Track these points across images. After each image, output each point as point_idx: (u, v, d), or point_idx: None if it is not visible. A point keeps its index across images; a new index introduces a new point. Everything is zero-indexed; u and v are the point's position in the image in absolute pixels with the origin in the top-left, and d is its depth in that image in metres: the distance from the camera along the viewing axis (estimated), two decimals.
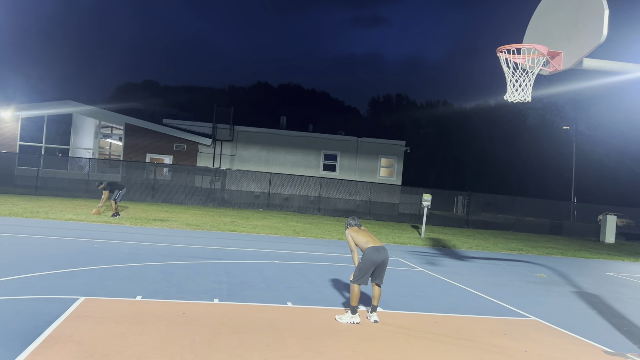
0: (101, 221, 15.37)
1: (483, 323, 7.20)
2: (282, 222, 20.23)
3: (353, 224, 7.01)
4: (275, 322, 6.27)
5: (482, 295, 9.28)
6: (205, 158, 30.05)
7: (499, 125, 62.49)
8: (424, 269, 11.85)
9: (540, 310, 8.37)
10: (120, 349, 4.89)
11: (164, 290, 7.48)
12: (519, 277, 11.95)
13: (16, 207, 17.15)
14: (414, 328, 6.56)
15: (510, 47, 6.52)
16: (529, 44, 6.61)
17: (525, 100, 6.63)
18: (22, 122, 28.41)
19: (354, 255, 6.80)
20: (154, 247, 11.58)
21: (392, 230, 21.55)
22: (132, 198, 25.67)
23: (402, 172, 32.37)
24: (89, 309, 6.14)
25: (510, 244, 19.79)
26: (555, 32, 6.63)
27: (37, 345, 4.79)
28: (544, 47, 6.43)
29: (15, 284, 7.08)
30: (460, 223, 28.81)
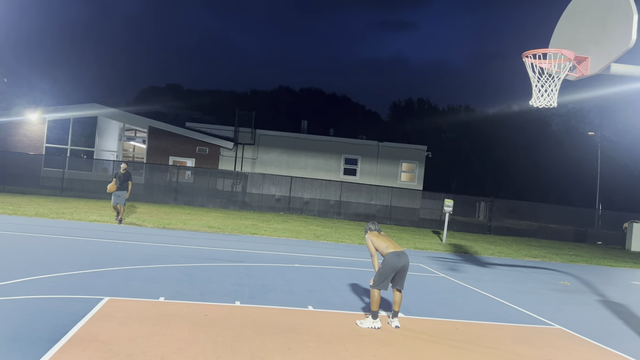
0: (125, 223, 15.57)
1: (506, 330, 7.12)
2: (303, 226, 20.26)
3: (373, 229, 6.99)
4: (296, 325, 6.29)
5: (504, 302, 9.18)
6: (227, 161, 30.27)
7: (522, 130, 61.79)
8: (446, 275, 11.76)
9: (564, 319, 8.25)
10: (144, 349, 4.95)
11: (187, 291, 7.55)
12: (542, 285, 11.78)
13: (42, 208, 17.48)
14: (436, 334, 6.51)
15: (536, 52, 6.47)
16: (556, 48, 6.55)
17: (551, 105, 6.56)
18: (49, 124, 28.98)
19: (374, 260, 6.78)
20: (177, 249, 11.70)
21: (413, 235, 21.43)
22: (155, 200, 26.00)
23: (424, 177, 32.18)
24: (113, 309, 6.23)
25: (533, 251, 19.52)
26: (582, 37, 6.55)
27: (63, 344, 4.88)
28: (571, 52, 6.36)
29: (42, 283, 7.22)
30: (482, 229, 28.52)
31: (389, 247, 6.64)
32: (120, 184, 14.91)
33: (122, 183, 14.94)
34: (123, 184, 14.98)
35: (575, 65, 6.48)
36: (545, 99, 6.62)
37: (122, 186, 14.97)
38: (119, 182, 14.86)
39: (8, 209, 15.99)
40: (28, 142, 28.62)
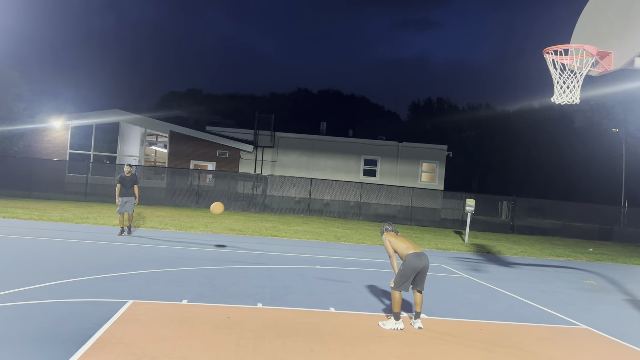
0: (147, 227, 15.74)
1: (531, 331, 7.02)
2: (323, 228, 20.26)
3: (390, 230, 6.95)
4: (318, 326, 6.28)
5: (529, 302, 9.05)
6: (247, 164, 30.44)
7: (544, 128, 60.95)
8: (468, 275, 11.64)
9: (591, 318, 8.10)
10: (167, 351, 4.99)
11: (209, 294, 7.60)
12: (568, 284, 11.60)
13: (67, 213, 17.76)
14: (459, 335, 6.45)
15: (558, 48, 6.37)
16: (577, 44, 6.45)
17: (573, 102, 6.46)
18: (72, 130, 29.46)
19: (393, 261, 6.74)
20: (198, 251, 11.79)
21: (435, 236, 21.28)
22: (177, 204, 26.26)
23: (444, 176, 31.94)
24: (137, 312, 6.29)
25: (557, 250, 19.23)
26: (605, 32, 6.44)
27: (88, 346, 4.94)
28: (593, 47, 6.26)
29: (68, 287, 7.33)
30: (505, 229, 28.18)
31: (409, 248, 6.60)
32: (127, 189, 13.38)
33: (128, 188, 13.39)
34: (130, 188, 13.40)
35: (598, 60, 6.37)
36: (568, 95, 6.52)
37: (129, 191, 13.40)
38: (125, 187, 13.35)
39: (34, 215, 16.28)
40: (52, 149, 29.13)
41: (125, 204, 13.28)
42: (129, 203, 13.32)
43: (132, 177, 13.43)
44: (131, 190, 13.36)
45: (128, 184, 13.30)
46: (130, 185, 13.34)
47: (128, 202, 13.30)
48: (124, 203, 13.27)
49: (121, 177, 13.34)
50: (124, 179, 13.29)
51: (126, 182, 13.28)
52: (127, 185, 13.30)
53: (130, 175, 13.39)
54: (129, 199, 13.32)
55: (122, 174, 13.39)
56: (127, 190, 13.29)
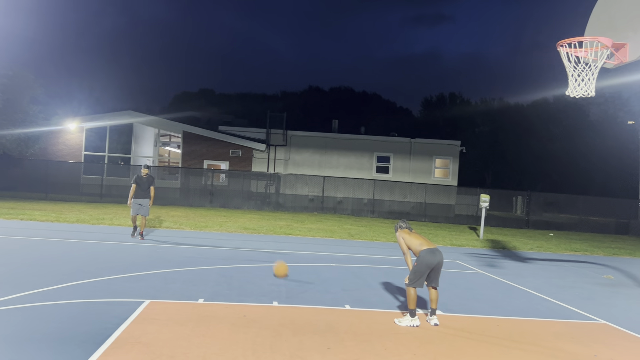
0: (162, 227, 15.86)
1: (548, 326, 6.97)
2: (337, 225, 20.26)
3: (404, 227, 6.93)
4: (334, 324, 6.29)
5: (546, 297, 8.99)
6: (259, 163, 30.52)
7: (559, 121, 60.30)
8: (484, 271, 11.58)
9: (609, 313, 8.02)
10: (185, 350, 5.03)
11: (225, 293, 7.64)
12: (585, 279, 11.49)
13: (83, 214, 17.95)
14: (476, 331, 6.42)
15: (572, 40, 6.31)
16: (592, 36, 6.37)
17: (588, 95, 6.39)
18: (87, 133, 29.75)
19: (407, 258, 6.72)
20: (214, 250, 11.85)
21: (449, 232, 21.18)
22: (191, 204, 26.42)
23: (458, 172, 31.76)
24: (154, 311, 6.35)
25: (573, 245, 19.05)
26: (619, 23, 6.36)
27: (107, 346, 5.00)
28: (608, 39, 6.18)
29: (86, 287, 7.42)
30: (520, 224, 27.98)
31: (423, 244, 6.58)
32: (143, 191, 12.87)
33: (144, 189, 12.89)
34: (146, 190, 12.90)
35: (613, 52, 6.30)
36: (582, 88, 6.45)
37: (145, 193, 12.87)
38: (141, 189, 12.86)
39: (51, 216, 16.48)
40: (67, 151, 29.45)
41: (140, 207, 12.76)
42: (144, 206, 12.78)
43: (149, 179, 12.94)
44: (147, 192, 12.86)
45: (144, 185, 12.84)
46: (147, 186, 12.88)
47: (143, 204, 12.76)
48: (139, 206, 12.75)
49: (137, 178, 12.85)
50: (140, 180, 12.82)
51: (142, 183, 12.82)
52: (144, 187, 12.83)
53: (147, 177, 12.92)
54: (144, 201, 12.79)
55: (139, 174, 12.95)
56: (143, 192, 12.80)
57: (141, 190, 12.78)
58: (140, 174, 12.91)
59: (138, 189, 12.78)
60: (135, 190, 12.75)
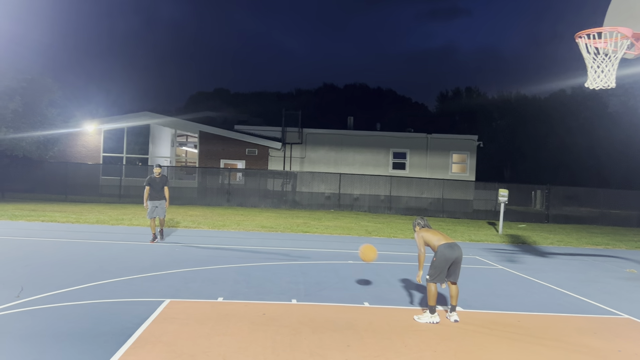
0: (181, 226, 15.97)
1: (570, 322, 6.88)
2: (354, 222, 20.23)
3: (422, 224, 6.88)
4: (353, 322, 6.28)
5: (567, 292, 8.87)
6: (275, 161, 30.59)
7: (578, 114, 59.43)
8: (504, 266, 11.47)
9: (633, 308, 7.89)
10: (205, 349, 5.06)
11: (244, 291, 7.67)
12: (607, 273, 11.32)
13: (102, 215, 18.16)
14: (497, 327, 6.36)
15: (590, 31, 6.20)
16: (611, 26, 6.25)
17: (608, 86, 6.28)
18: (104, 134, 30.09)
19: (421, 257, 6.58)
20: (232, 249, 11.91)
21: (468, 227, 21.03)
22: (209, 203, 26.60)
23: (476, 167, 31.49)
24: (174, 310, 6.40)
25: (595, 239, 18.79)
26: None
27: (129, 345, 5.05)
28: (628, 29, 6.06)
29: (107, 287, 7.50)
30: (540, 218, 27.67)
31: (441, 239, 6.53)
32: (157, 192, 12.31)
33: (158, 190, 12.32)
34: (160, 191, 12.34)
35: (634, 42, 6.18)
36: (602, 79, 6.34)
37: (159, 194, 12.33)
38: (155, 190, 12.29)
39: (71, 218, 16.69)
40: (86, 153, 29.81)
41: (156, 209, 12.26)
42: (160, 207, 12.29)
43: (162, 179, 12.35)
44: (161, 193, 12.30)
45: (158, 186, 12.27)
46: (160, 187, 12.31)
47: (159, 206, 12.27)
48: (154, 207, 12.24)
49: (150, 179, 12.29)
50: (153, 181, 12.26)
51: (156, 184, 12.26)
52: (157, 188, 12.27)
53: (160, 177, 12.33)
54: (160, 202, 12.28)
55: (152, 175, 12.33)
56: (157, 193, 12.25)
57: (155, 191, 12.25)
58: (153, 175, 12.33)
59: (152, 190, 12.25)
60: (150, 192, 12.22)
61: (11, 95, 23.16)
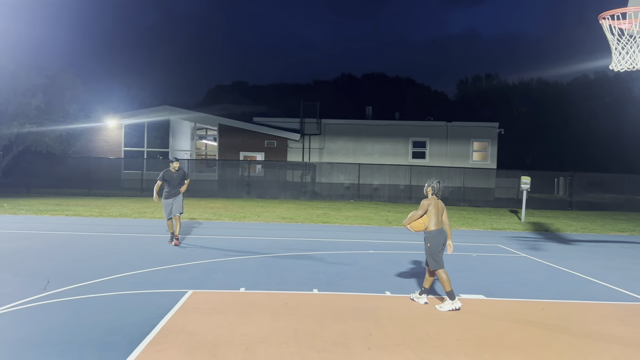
0: (202, 218, 16.10)
1: (595, 309, 6.78)
2: (374, 212, 20.18)
3: (437, 189, 6.78)
4: (375, 310, 6.27)
5: (592, 279, 8.74)
6: (294, 153, 30.61)
7: (601, 99, 58.32)
8: (527, 254, 11.34)
9: None
10: (228, 338, 5.10)
11: (265, 281, 7.71)
12: (633, 260, 11.12)
13: (125, 208, 18.40)
14: (520, 315, 6.29)
15: (615, 12, 6.04)
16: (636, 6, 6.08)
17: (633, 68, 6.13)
18: (125, 129, 30.42)
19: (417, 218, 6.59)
20: (253, 240, 11.97)
21: (489, 216, 20.83)
22: (229, 195, 26.78)
23: (497, 154, 31.12)
24: (197, 301, 6.46)
25: (620, 225, 18.47)
26: None
27: (153, 336, 5.11)
28: None
29: (131, 279, 7.60)
30: (563, 205, 27.28)
31: (437, 223, 6.60)
32: (173, 187, 10.83)
33: (175, 186, 10.83)
34: (177, 186, 10.86)
35: None
36: (627, 61, 6.18)
37: (176, 190, 10.85)
38: (172, 185, 10.82)
39: (94, 212, 16.94)
40: (107, 147, 30.20)
41: (171, 205, 10.83)
42: (178, 203, 10.84)
43: (180, 173, 10.94)
44: (178, 189, 10.88)
45: (175, 181, 10.83)
46: (177, 182, 10.86)
47: (176, 202, 10.83)
48: (169, 205, 10.83)
49: (166, 173, 10.85)
50: (169, 176, 10.83)
51: (172, 179, 10.82)
52: (174, 183, 10.82)
53: (177, 171, 10.91)
54: (177, 198, 10.85)
55: (168, 169, 10.94)
56: (173, 189, 10.83)
57: (172, 187, 10.82)
58: (169, 169, 10.92)
59: (168, 186, 10.82)
60: (167, 189, 10.84)
61: (34, 92, 23.55)
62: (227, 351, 4.76)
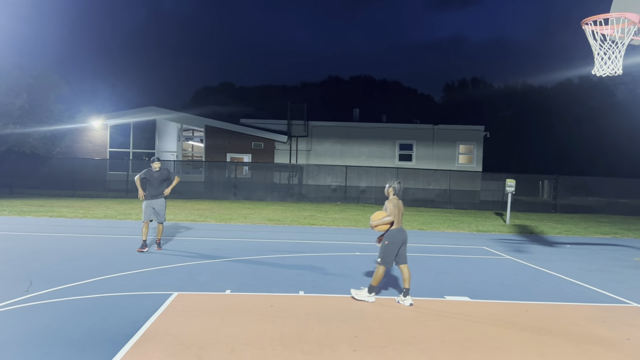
0: (188, 220, 16.02)
1: (579, 311, 6.85)
2: (361, 214, 20.22)
3: (397, 189, 6.91)
4: (360, 312, 6.28)
5: (575, 281, 8.84)
6: (282, 155, 30.59)
7: (585, 103, 59.05)
8: (511, 256, 11.44)
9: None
10: (214, 341, 5.08)
11: (251, 283, 7.69)
12: (615, 262, 11.27)
13: (110, 210, 18.24)
14: (505, 317, 6.35)
15: (597, 17, 6.13)
16: (618, 12, 6.18)
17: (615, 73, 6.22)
18: (111, 129, 30.19)
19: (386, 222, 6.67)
20: (239, 242, 11.94)
21: (475, 218, 20.97)
22: (216, 197, 26.66)
23: (482, 158, 31.37)
24: (182, 303, 6.42)
25: (602, 228, 18.70)
26: None
27: (137, 338, 5.07)
28: (635, 15, 5.99)
29: (115, 281, 7.53)
30: (547, 208, 27.56)
31: (398, 222, 6.75)
32: (155, 188, 10.16)
33: (157, 187, 10.17)
34: (159, 187, 10.20)
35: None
36: (609, 67, 6.27)
37: (158, 191, 10.18)
38: (153, 186, 10.16)
39: (79, 213, 16.78)
40: (93, 148, 29.93)
41: (154, 211, 10.18)
42: (158, 209, 10.19)
43: (163, 173, 10.25)
44: (160, 190, 10.21)
45: (156, 182, 10.16)
46: (160, 182, 10.18)
47: (156, 207, 10.18)
48: (151, 208, 10.15)
49: (148, 172, 10.21)
50: (151, 175, 10.17)
51: (154, 179, 10.16)
52: (156, 183, 10.15)
53: (160, 171, 10.24)
54: (158, 201, 10.19)
55: (149, 168, 10.28)
56: (155, 190, 10.17)
57: (153, 187, 10.15)
58: (151, 168, 10.26)
59: (149, 186, 10.17)
60: (148, 189, 10.18)
61: (18, 92, 23.28)
62: (212, 354, 4.75)
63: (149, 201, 10.20)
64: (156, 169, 10.24)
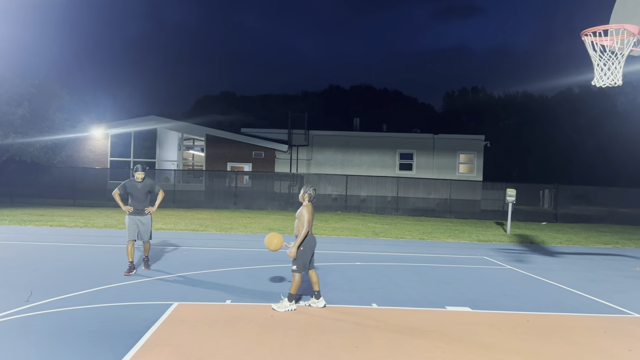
0: (188, 229, 16.01)
1: (580, 321, 6.83)
2: (361, 224, 20.20)
3: (312, 196, 6.97)
4: (361, 323, 6.27)
5: (576, 292, 8.82)
6: (282, 164, 30.62)
7: (585, 112, 59.13)
8: (512, 266, 11.42)
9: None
10: (214, 351, 5.06)
11: (252, 293, 7.68)
12: (616, 272, 11.24)
13: (110, 219, 18.23)
14: (506, 327, 6.33)
15: (597, 29, 6.16)
16: (617, 24, 6.22)
17: (615, 84, 6.24)
18: (112, 139, 30.24)
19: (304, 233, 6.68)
20: (239, 252, 11.93)
21: (475, 227, 20.95)
22: (216, 206, 26.66)
23: (483, 167, 31.39)
24: (183, 313, 6.41)
25: (603, 237, 18.67)
26: None
27: (138, 348, 5.06)
28: (635, 27, 6.03)
29: (116, 291, 7.52)
30: (548, 217, 27.53)
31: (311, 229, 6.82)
32: (140, 202, 8.90)
33: (141, 201, 8.92)
34: (143, 201, 8.95)
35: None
36: (609, 77, 6.30)
37: (143, 205, 8.93)
38: (137, 200, 8.88)
39: (79, 222, 16.77)
40: (94, 157, 29.97)
41: (138, 228, 8.90)
42: (143, 226, 8.94)
43: (147, 184, 8.98)
44: (145, 204, 8.97)
45: (140, 194, 8.89)
46: (144, 196, 8.94)
47: (140, 224, 8.91)
48: (136, 226, 8.87)
49: (130, 184, 8.91)
50: (133, 187, 8.88)
51: (137, 191, 8.88)
52: (140, 197, 8.89)
53: (143, 182, 8.94)
54: (143, 218, 8.93)
55: (132, 178, 9.00)
56: (139, 204, 8.90)
57: (137, 201, 8.89)
58: (133, 179, 8.97)
59: (133, 200, 8.91)
60: (131, 203, 8.92)
61: (19, 101, 23.33)
62: None
63: (133, 217, 8.88)
64: (139, 180, 8.92)
